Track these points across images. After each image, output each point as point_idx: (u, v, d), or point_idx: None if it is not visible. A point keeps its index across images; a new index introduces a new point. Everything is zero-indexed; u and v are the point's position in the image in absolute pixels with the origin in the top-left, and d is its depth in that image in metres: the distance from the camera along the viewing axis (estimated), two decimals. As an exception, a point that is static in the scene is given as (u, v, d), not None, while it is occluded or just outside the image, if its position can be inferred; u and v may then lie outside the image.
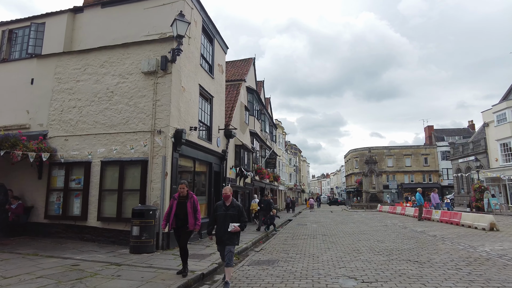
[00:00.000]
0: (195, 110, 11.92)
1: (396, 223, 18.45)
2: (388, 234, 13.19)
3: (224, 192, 6.01)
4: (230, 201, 5.98)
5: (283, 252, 9.58)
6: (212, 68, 14.01)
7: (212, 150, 13.41)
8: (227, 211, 5.89)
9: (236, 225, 5.76)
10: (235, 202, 6.03)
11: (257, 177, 22.70)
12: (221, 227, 5.82)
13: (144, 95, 10.41)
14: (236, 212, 5.90)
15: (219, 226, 5.89)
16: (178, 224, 6.54)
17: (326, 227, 17.19)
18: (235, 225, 5.75)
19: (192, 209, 6.49)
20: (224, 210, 5.92)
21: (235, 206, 5.96)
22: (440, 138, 61.66)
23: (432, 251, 8.98)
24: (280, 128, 41.19)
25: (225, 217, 5.83)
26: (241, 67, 23.95)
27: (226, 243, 5.77)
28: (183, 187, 6.62)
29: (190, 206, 6.48)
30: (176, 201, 6.59)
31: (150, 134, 10.08)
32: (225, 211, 5.90)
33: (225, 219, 5.81)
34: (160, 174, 9.67)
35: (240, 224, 5.89)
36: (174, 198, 6.65)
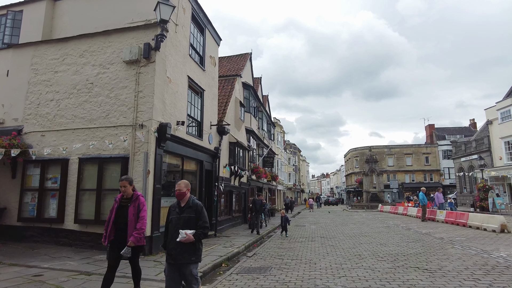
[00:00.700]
0: (183, 103, 11.05)
1: (399, 224, 17.59)
2: (391, 237, 12.32)
3: (177, 188, 4.35)
4: (186, 200, 4.38)
5: (278, 258, 8.71)
6: (203, 59, 13.14)
7: (203, 147, 12.54)
8: (181, 214, 4.29)
9: (188, 233, 4.06)
10: (194, 202, 4.39)
11: (254, 176, 21.83)
12: (172, 237, 4.20)
13: (125, 86, 9.54)
14: (193, 214, 4.27)
15: (170, 235, 4.28)
16: (117, 236, 4.80)
17: (325, 228, 16.33)
18: (187, 232, 4.05)
19: (136, 216, 4.82)
20: (177, 213, 4.33)
21: (193, 207, 4.32)
22: (441, 137, 60.81)
23: (442, 256, 8.10)
24: (279, 126, 40.31)
25: (178, 223, 4.23)
26: (237, 62, 23.08)
27: (178, 259, 4.12)
28: (124, 185, 4.92)
29: (132, 213, 4.79)
30: (117, 204, 4.96)
31: (131, 128, 9.21)
32: (178, 214, 4.31)
33: (178, 225, 4.21)
34: (142, 173, 8.80)
35: (196, 231, 4.15)
36: (115, 200, 5.06)
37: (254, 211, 14.11)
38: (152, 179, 8.95)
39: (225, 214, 15.82)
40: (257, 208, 14.08)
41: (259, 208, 14.06)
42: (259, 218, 14.23)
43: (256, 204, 14.26)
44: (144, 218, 4.87)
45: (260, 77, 29.72)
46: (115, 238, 4.81)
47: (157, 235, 8.91)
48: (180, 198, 4.38)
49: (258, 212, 14.04)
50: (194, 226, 4.21)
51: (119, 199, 5.00)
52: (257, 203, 14.29)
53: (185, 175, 11.64)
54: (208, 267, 7.42)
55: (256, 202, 14.36)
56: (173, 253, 4.15)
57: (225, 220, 15.28)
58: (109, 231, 4.79)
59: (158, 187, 9.13)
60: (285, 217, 13.36)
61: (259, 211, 14.05)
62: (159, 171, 9.23)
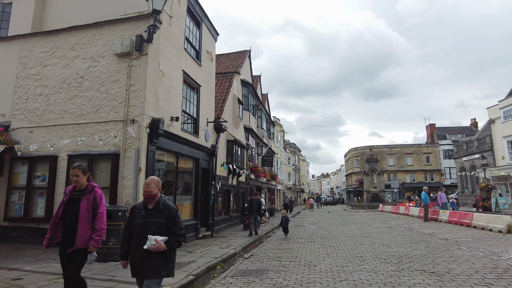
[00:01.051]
0: (178, 98, 10.63)
1: (401, 224, 17.17)
2: (393, 237, 11.90)
3: (145, 189, 3.47)
4: (155, 201, 3.50)
5: (276, 260, 8.29)
6: (200, 54, 12.73)
7: (199, 144, 12.12)
8: (148, 219, 3.41)
9: (159, 239, 3.27)
10: (165, 203, 3.50)
11: (253, 175, 21.41)
12: (138, 246, 3.35)
13: (117, 80, 9.13)
14: (163, 219, 3.41)
15: (134, 243, 3.39)
16: (65, 237, 3.89)
17: (325, 228, 15.91)
18: (157, 239, 3.26)
19: (90, 211, 3.92)
20: (143, 216, 3.44)
21: (164, 210, 3.45)
22: (442, 137, 60.43)
23: (449, 258, 7.68)
24: (278, 125, 39.89)
25: (145, 228, 3.36)
26: (235, 60, 22.68)
27: (145, 274, 3.33)
28: (76, 174, 3.97)
29: (84, 207, 3.90)
30: (67, 197, 4.03)
31: (122, 124, 8.79)
32: (145, 217, 3.42)
33: (145, 231, 3.35)
34: (133, 170, 8.39)
35: (169, 238, 3.36)
36: (65, 193, 4.11)
37: (251, 210, 13.45)
38: (144, 176, 8.52)
39: (223, 214, 15.40)
40: (253, 207, 13.44)
41: (256, 207, 13.43)
42: (257, 218, 13.60)
43: (253, 204, 13.61)
44: (104, 216, 4.02)
45: (260, 75, 29.33)
46: (63, 239, 3.89)
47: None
48: (148, 199, 3.50)
49: (256, 211, 13.40)
50: (163, 232, 3.38)
51: (70, 191, 4.06)
52: (254, 202, 13.65)
53: (180, 173, 11.23)
54: (201, 269, 7.00)
55: (253, 202, 13.72)
56: (140, 267, 3.34)
57: (222, 220, 14.87)
58: (53, 230, 3.88)
59: (151, 185, 8.71)
60: (285, 217, 12.75)
61: (256, 210, 13.42)
62: (152, 168, 8.81)
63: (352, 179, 65.13)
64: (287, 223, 12.73)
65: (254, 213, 13.39)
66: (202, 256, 8.49)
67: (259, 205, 13.54)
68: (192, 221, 11.45)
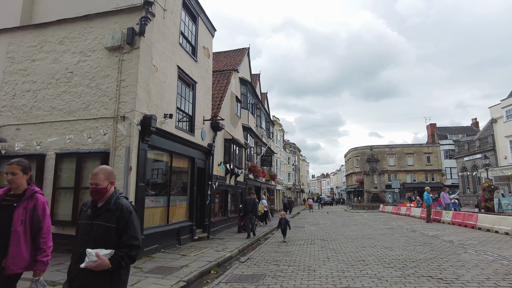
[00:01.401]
0: (172, 95, 10.22)
1: (403, 225, 16.75)
2: (396, 239, 11.48)
3: (91, 177, 2.64)
4: (105, 198, 2.67)
5: (273, 263, 7.88)
6: (196, 50, 12.31)
7: (195, 143, 11.70)
8: (93, 220, 2.59)
9: (101, 254, 2.40)
10: (119, 202, 2.65)
11: (251, 175, 20.98)
12: (78, 256, 2.52)
13: (107, 75, 8.71)
14: (113, 223, 2.56)
15: (75, 253, 2.59)
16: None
17: (325, 230, 15.49)
18: (98, 253, 2.39)
19: (27, 225, 2.99)
20: (89, 216, 2.63)
21: (114, 210, 2.60)
22: (443, 137, 60.04)
23: (456, 263, 7.27)
24: (278, 125, 39.46)
25: (89, 232, 2.56)
26: (234, 57, 22.27)
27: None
28: (13, 171, 3.03)
29: (20, 218, 2.97)
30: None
31: (113, 120, 8.38)
32: (91, 218, 2.61)
33: (89, 236, 2.55)
34: (123, 169, 7.96)
35: (117, 252, 2.49)
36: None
37: (246, 211, 12.86)
38: (135, 176, 8.12)
39: (220, 215, 14.99)
40: (248, 208, 12.83)
41: (251, 208, 12.82)
42: (253, 219, 12.98)
43: (247, 204, 12.96)
44: (50, 231, 3.14)
45: (259, 74, 28.91)
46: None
47: (140, 238, 8.08)
48: (96, 194, 2.62)
49: (251, 212, 12.80)
50: (110, 243, 2.51)
51: (1, 195, 3.08)
52: (249, 203, 12.97)
53: (175, 173, 10.81)
54: (193, 275, 6.59)
55: (247, 202, 13.05)
56: (73, 286, 2.52)
57: (219, 221, 14.45)
58: None
59: (142, 186, 8.30)
60: (284, 219, 11.90)
61: (252, 211, 12.81)
62: (143, 167, 8.40)
63: (352, 179, 64.71)
64: (287, 225, 11.87)
65: (249, 214, 12.77)
66: (196, 260, 8.08)
67: (254, 205, 12.90)
68: (187, 223, 11.04)
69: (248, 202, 13.06)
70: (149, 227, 8.89)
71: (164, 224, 9.70)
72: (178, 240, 10.35)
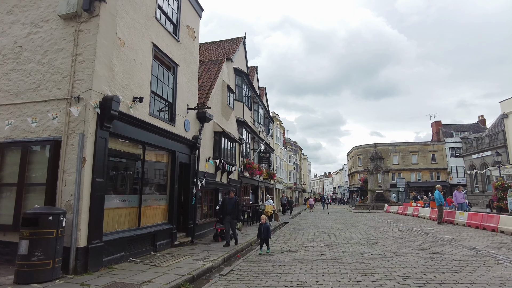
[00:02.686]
0: (144, 76, 8.71)
1: (412, 227, 15.19)
2: (407, 245, 9.94)
3: None
4: None
5: (260, 278, 6.37)
6: (177, 28, 10.80)
7: (177, 134, 10.20)
8: None
9: None
10: None
11: (247, 173, 19.46)
12: None
13: (61, 48, 7.23)
14: None
15: None
16: None
17: (326, 232, 13.95)
18: None
19: None
20: None
21: None
22: (449, 134, 58.31)
23: (492, 279, 5.72)
24: (278, 121, 37.89)
25: None
26: (228, 47, 20.77)
27: None
28: None
29: None
30: None
31: (66, 102, 6.89)
32: None
33: None
34: (76, 161, 6.47)
35: None
36: None
37: (226, 213, 10.33)
38: (90, 170, 6.62)
39: (209, 216, 13.47)
40: (228, 210, 10.29)
41: (231, 210, 10.29)
42: (234, 224, 10.42)
43: (227, 205, 10.39)
44: None
45: (256, 66, 27.38)
46: None
47: (97, 246, 6.58)
48: None
49: (232, 215, 10.30)
50: None
51: None
52: (228, 203, 10.43)
53: (149, 168, 9.31)
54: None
55: (226, 202, 10.48)
56: None
57: (207, 224, 12.93)
58: None
59: (100, 182, 6.80)
60: (265, 225, 9.24)
61: (232, 214, 10.30)
62: (102, 159, 6.90)
63: (355, 178, 63.05)
64: (268, 233, 9.26)
65: (228, 217, 10.26)
66: (165, 273, 6.57)
67: (235, 205, 10.42)
68: (165, 226, 9.53)
69: (227, 202, 10.50)
70: (112, 231, 7.39)
71: (134, 228, 8.20)
72: (153, 246, 8.84)
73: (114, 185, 7.87)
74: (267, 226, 9.27)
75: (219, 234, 11.23)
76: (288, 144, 52.95)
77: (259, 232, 9.23)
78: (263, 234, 9.14)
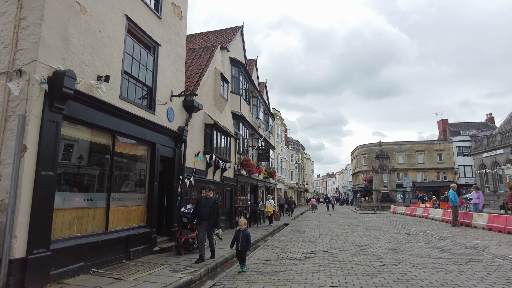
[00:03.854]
0: (114, 53, 7.36)
1: (424, 230, 13.75)
2: (424, 251, 8.52)
3: None
4: None
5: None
6: (160, 4, 9.47)
7: (157, 124, 8.87)
8: None
9: None
10: None
11: (244, 170, 18.08)
12: None
13: (3, 12, 5.90)
14: None
15: None
16: None
17: (330, 236, 12.55)
18: None
19: None
20: None
21: None
22: (456, 133, 56.60)
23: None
24: (279, 118, 36.48)
25: None
26: (224, 36, 19.42)
27: None
28: None
29: None
30: None
31: (6, 77, 5.56)
32: None
33: None
34: (14, 150, 5.14)
35: None
36: None
37: (201, 218, 7.82)
38: (34, 160, 5.27)
39: (199, 218, 12.08)
40: (203, 213, 7.77)
41: (208, 214, 7.77)
42: (211, 231, 7.98)
43: (202, 207, 7.83)
44: None
45: (256, 59, 25.98)
46: None
47: (41, 256, 5.24)
48: None
49: (210, 220, 7.82)
50: None
51: None
52: (205, 204, 7.87)
53: (121, 161, 7.95)
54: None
55: (202, 203, 7.89)
56: None
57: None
58: None
59: (48, 176, 5.45)
60: (244, 233, 6.87)
61: (208, 218, 7.80)
62: (52, 148, 5.56)
63: (359, 178, 61.47)
64: (247, 244, 6.83)
65: (204, 223, 7.82)
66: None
67: (214, 208, 7.86)
68: (141, 229, 8.18)
69: (203, 203, 7.88)
70: (68, 237, 6.05)
71: (100, 232, 6.85)
72: (126, 253, 7.51)
73: (72, 181, 6.53)
74: (246, 234, 6.85)
75: (182, 245, 8.44)
76: (290, 143, 51.52)
77: (234, 241, 6.88)
78: (240, 245, 6.72)
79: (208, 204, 7.90)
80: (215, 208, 7.94)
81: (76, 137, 6.48)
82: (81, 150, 6.79)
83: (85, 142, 6.80)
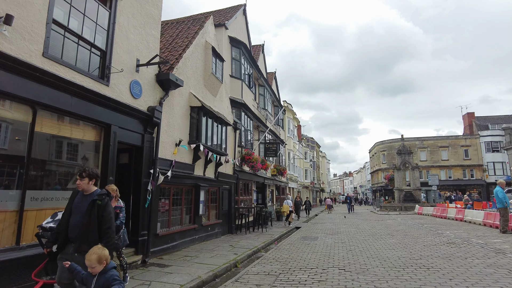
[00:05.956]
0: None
1: (466, 237, 11.05)
2: (483, 273, 5.95)
3: None
4: None
5: None
6: None
7: (112, 99, 6.65)
8: None
9: None
10: None
11: (247, 166, 15.72)
12: None
13: None
14: None
15: None
16: None
17: (348, 244, 10.05)
18: None
19: None
20: None
21: None
22: (484, 127, 52.51)
23: None
24: (290, 112, 33.94)
25: None
26: (224, 15, 17.16)
27: None
28: None
29: None
30: None
31: None
32: None
33: None
34: None
35: None
36: None
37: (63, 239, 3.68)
38: None
39: (182, 223, 9.81)
40: (70, 229, 3.63)
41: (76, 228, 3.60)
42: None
43: (71, 213, 3.73)
44: None
45: (262, 44, 23.60)
46: None
47: None
48: None
49: (81, 241, 3.54)
50: None
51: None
52: (75, 210, 3.70)
53: (49, 146, 5.73)
54: None
55: (73, 206, 3.76)
56: None
57: (179, 233, 9.32)
58: None
59: None
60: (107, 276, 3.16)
61: (83, 238, 3.54)
62: None
63: (378, 177, 58.09)
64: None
65: (71, 247, 3.62)
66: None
67: (91, 215, 3.61)
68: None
69: (75, 205, 3.75)
70: None
71: (6, 248, 4.66)
72: (57, 276, 5.27)
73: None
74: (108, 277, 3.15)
75: None
76: (304, 139, 48.84)
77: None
78: None
79: (80, 208, 3.67)
80: (99, 216, 3.63)
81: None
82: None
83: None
